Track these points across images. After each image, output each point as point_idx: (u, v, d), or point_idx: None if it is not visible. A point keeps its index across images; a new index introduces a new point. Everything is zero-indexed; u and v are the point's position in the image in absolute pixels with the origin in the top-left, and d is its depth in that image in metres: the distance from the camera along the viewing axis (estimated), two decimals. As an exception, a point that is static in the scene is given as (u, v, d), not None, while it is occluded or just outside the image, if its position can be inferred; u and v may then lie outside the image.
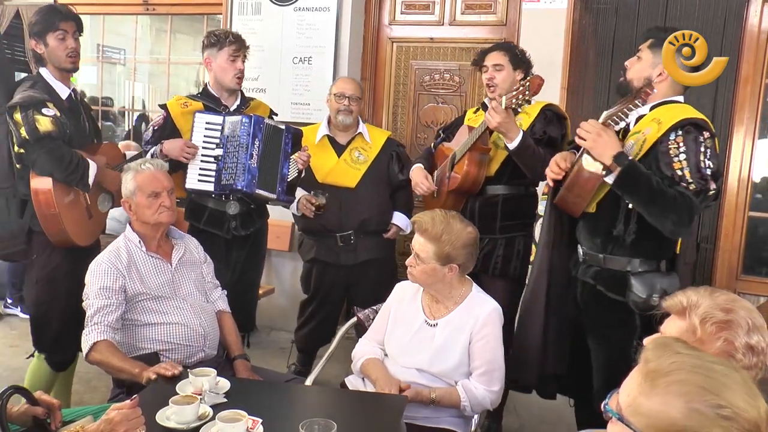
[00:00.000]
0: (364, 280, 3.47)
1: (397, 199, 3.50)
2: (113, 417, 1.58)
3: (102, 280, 2.32)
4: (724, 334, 1.39)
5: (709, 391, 0.98)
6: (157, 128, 3.10)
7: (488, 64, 3.04)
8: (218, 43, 3.09)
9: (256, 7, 4.51)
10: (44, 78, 2.82)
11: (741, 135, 3.83)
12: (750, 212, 3.92)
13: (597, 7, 3.99)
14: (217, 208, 3.11)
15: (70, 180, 2.71)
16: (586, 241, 2.42)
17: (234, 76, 3.10)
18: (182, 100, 3.17)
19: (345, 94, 3.38)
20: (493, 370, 2.24)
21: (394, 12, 4.53)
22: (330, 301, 3.57)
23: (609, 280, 2.33)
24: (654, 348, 1.08)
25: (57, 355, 2.88)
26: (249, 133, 2.96)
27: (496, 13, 4.28)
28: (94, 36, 5.64)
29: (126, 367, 2.19)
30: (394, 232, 3.51)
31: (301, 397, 2.23)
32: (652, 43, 2.33)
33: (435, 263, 2.22)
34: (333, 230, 3.40)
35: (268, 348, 4.23)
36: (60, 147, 2.67)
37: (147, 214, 2.43)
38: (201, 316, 2.46)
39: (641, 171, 2.15)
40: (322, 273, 3.52)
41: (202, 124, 3.01)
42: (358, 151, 3.43)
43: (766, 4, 3.71)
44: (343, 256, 3.43)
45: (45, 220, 2.72)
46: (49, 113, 2.67)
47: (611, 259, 2.33)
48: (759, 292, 3.92)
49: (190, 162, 2.98)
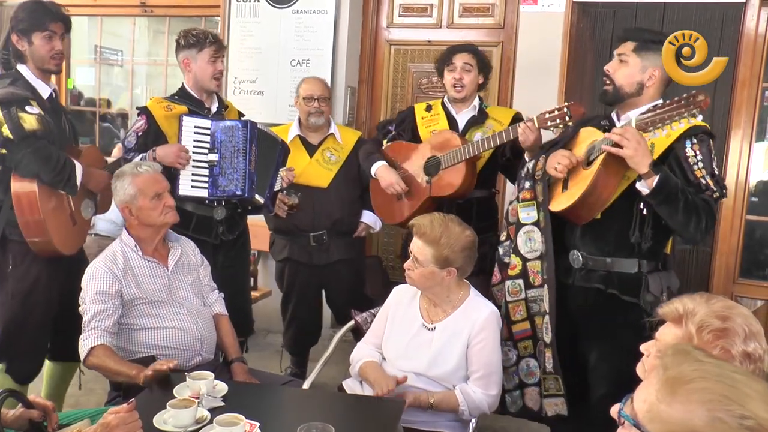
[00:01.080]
0: (337, 279, 3.49)
1: (366, 198, 3.48)
2: (110, 421, 1.57)
3: (98, 285, 2.31)
4: (720, 342, 1.37)
5: (732, 401, 0.96)
6: (141, 134, 2.95)
7: (457, 64, 3.04)
8: (198, 44, 2.99)
9: (254, 10, 4.51)
10: (24, 76, 2.65)
11: (738, 138, 3.83)
12: (747, 215, 3.92)
13: (595, 11, 4.00)
14: (204, 214, 3.02)
15: (57, 181, 2.56)
16: (589, 247, 2.37)
17: (213, 77, 3.03)
18: (163, 102, 3.04)
19: (314, 96, 3.37)
20: (490, 374, 2.24)
21: (391, 15, 4.53)
22: (306, 300, 3.58)
23: (622, 283, 2.30)
24: (673, 354, 1.06)
25: (23, 365, 2.70)
26: (246, 138, 2.92)
27: (493, 16, 4.28)
28: (92, 37, 5.63)
29: (123, 370, 2.18)
30: (362, 229, 3.51)
31: (299, 400, 2.22)
32: (637, 47, 2.30)
33: (433, 266, 2.22)
34: (306, 230, 3.40)
35: (265, 350, 4.22)
36: (47, 147, 2.52)
37: (153, 216, 2.42)
38: (198, 320, 2.45)
39: (675, 180, 2.14)
40: (295, 273, 3.53)
41: (190, 128, 2.92)
42: (329, 151, 3.44)
43: (763, 9, 3.72)
44: (316, 256, 3.44)
45: (27, 227, 2.54)
46: (33, 111, 2.51)
47: (619, 262, 2.31)
48: (756, 295, 3.92)
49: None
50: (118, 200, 2.44)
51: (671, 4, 3.79)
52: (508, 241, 2.58)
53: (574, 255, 2.41)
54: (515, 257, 2.52)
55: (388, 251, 4.71)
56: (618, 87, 2.33)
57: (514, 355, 2.53)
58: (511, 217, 2.56)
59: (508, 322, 2.52)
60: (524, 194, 2.50)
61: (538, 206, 2.45)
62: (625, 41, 2.35)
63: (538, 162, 2.47)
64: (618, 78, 2.33)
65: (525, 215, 2.49)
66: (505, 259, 2.58)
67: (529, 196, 2.49)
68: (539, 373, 2.47)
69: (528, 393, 2.50)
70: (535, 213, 2.46)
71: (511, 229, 2.55)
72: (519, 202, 2.51)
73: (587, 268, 2.38)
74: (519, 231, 2.50)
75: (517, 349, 2.52)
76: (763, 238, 4.10)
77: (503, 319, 2.46)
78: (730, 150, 3.84)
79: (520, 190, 2.53)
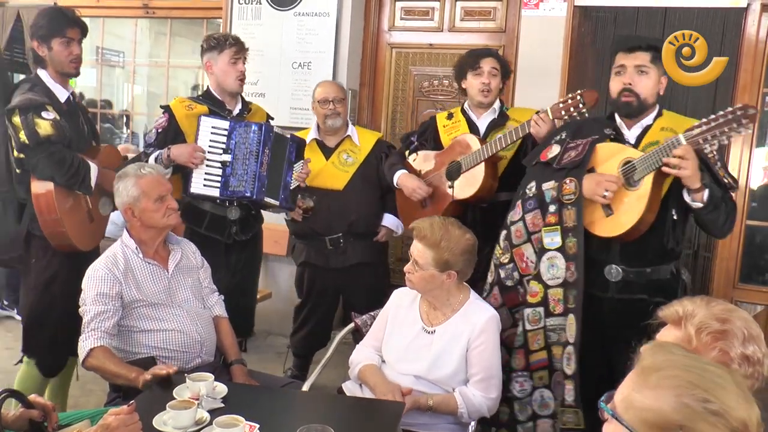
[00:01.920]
0: (357, 284, 3.46)
1: (387, 201, 3.47)
2: (110, 422, 1.58)
3: (99, 287, 2.31)
4: (719, 344, 1.39)
5: (698, 386, 1.01)
6: (161, 130, 3.05)
7: (485, 68, 3.03)
8: (218, 46, 3.07)
9: (256, 12, 4.52)
10: (43, 80, 2.78)
11: (739, 143, 3.83)
12: (747, 221, 3.93)
13: (596, 15, 4.00)
14: (218, 213, 3.08)
15: (72, 184, 2.69)
16: (629, 260, 2.36)
17: (236, 78, 3.09)
18: (186, 102, 3.13)
19: (328, 98, 3.38)
20: (490, 377, 2.25)
21: (393, 18, 4.54)
22: (322, 304, 3.56)
23: (662, 290, 2.32)
24: (650, 348, 1.12)
25: (48, 359, 2.83)
26: (260, 140, 2.93)
27: (495, 20, 4.29)
28: (94, 38, 5.64)
29: (122, 372, 2.18)
30: (384, 233, 3.49)
31: (299, 402, 2.22)
32: (653, 57, 2.31)
33: (434, 270, 2.22)
34: (322, 233, 3.39)
35: (265, 353, 4.22)
36: (61, 151, 2.64)
37: (156, 218, 2.42)
38: (197, 322, 2.45)
39: (715, 188, 2.19)
40: (313, 276, 3.52)
41: (207, 128, 2.97)
42: (346, 153, 3.42)
43: (764, 14, 3.73)
44: (333, 259, 3.42)
45: (46, 225, 2.69)
46: (48, 116, 2.63)
47: (657, 270, 2.34)
48: (756, 300, 3.92)
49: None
50: (120, 201, 2.45)
51: (672, 8, 3.79)
52: (511, 264, 2.53)
53: (613, 269, 2.38)
54: (536, 284, 2.43)
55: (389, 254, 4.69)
56: (643, 99, 2.32)
57: (529, 386, 2.47)
58: (516, 239, 2.52)
59: (525, 352, 2.46)
60: (549, 218, 2.41)
61: (562, 231, 2.38)
62: (635, 51, 2.33)
63: (564, 185, 2.39)
64: (641, 90, 2.32)
65: (549, 240, 2.40)
66: (507, 282, 2.54)
67: (554, 221, 2.39)
68: (553, 405, 2.42)
69: (540, 425, 2.44)
70: (559, 239, 2.38)
71: (517, 251, 2.51)
72: (544, 227, 2.43)
73: (626, 281, 2.37)
74: (542, 257, 2.42)
75: (533, 380, 2.47)
76: (763, 244, 4.10)
77: (521, 348, 2.45)
78: (730, 155, 3.84)
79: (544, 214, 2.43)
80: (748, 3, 3.72)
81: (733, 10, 3.73)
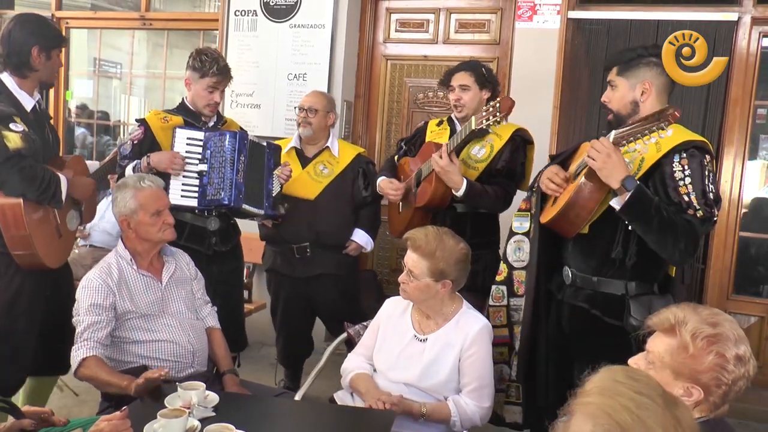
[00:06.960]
0: (325, 295, 3.46)
1: (360, 216, 3.47)
2: (103, 428, 1.58)
3: (93, 297, 2.31)
4: (715, 347, 1.42)
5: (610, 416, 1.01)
6: (137, 142, 3.03)
7: (454, 85, 3.08)
8: (201, 70, 3.04)
9: (251, 24, 4.55)
10: (7, 87, 2.60)
11: (731, 156, 3.87)
12: (740, 232, 3.95)
13: (589, 28, 4.04)
14: (198, 224, 3.06)
15: (43, 199, 2.54)
16: (578, 263, 2.35)
17: (207, 105, 3.09)
18: (161, 114, 3.11)
19: (304, 106, 3.40)
20: (483, 387, 2.25)
21: (388, 30, 4.58)
22: (293, 313, 3.57)
23: (605, 304, 2.26)
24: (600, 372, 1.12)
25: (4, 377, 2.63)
26: (234, 148, 2.92)
27: (489, 32, 4.33)
28: (91, 50, 5.67)
29: (114, 381, 2.17)
30: (354, 248, 3.46)
31: (290, 411, 2.22)
32: (619, 69, 2.32)
33: (428, 279, 2.23)
34: (290, 240, 3.39)
35: (258, 363, 4.21)
36: (32, 166, 2.48)
37: (151, 232, 2.43)
38: (190, 332, 2.45)
39: (650, 197, 2.08)
40: (279, 284, 3.55)
41: (183, 139, 2.97)
42: (323, 164, 3.42)
43: (754, 27, 3.77)
44: (299, 268, 3.42)
45: (13, 241, 2.52)
46: (17, 129, 2.44)
47: (606, 282, 2.27)
48: (750, 311, 3.94)
49: (172, 177, 2.93)
50: (117, 212, 2.44)
51: (664, 21, 3.83)
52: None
53: (566, 271, 2.40)
54: (503, 264, 2.58)
55: (383, 265, 4.71)
56: (616, 112, 2.34)
57: None
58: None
59: None
60: (522, 204, 2.56)
61: (531, 217, 2.49)
62: (609, 69, 2.38)
63: (539, 175, 2.48)
64: (613, 104, 2.34)
65: (518, 225, 2.55)
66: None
67: (525, 207, 2.54)
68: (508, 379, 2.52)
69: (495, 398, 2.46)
70: (527, 224, 2.50)
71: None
72: (516, 212, 2.58)
73: (576, 286, 2.36)
74: (510, 239, 2.55)
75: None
76: (757, 255, 4.12)
77: None
78: (723, 168, 3.87)
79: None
80: (739, 16, 3.76)
81: (725, 23, 3.77)
